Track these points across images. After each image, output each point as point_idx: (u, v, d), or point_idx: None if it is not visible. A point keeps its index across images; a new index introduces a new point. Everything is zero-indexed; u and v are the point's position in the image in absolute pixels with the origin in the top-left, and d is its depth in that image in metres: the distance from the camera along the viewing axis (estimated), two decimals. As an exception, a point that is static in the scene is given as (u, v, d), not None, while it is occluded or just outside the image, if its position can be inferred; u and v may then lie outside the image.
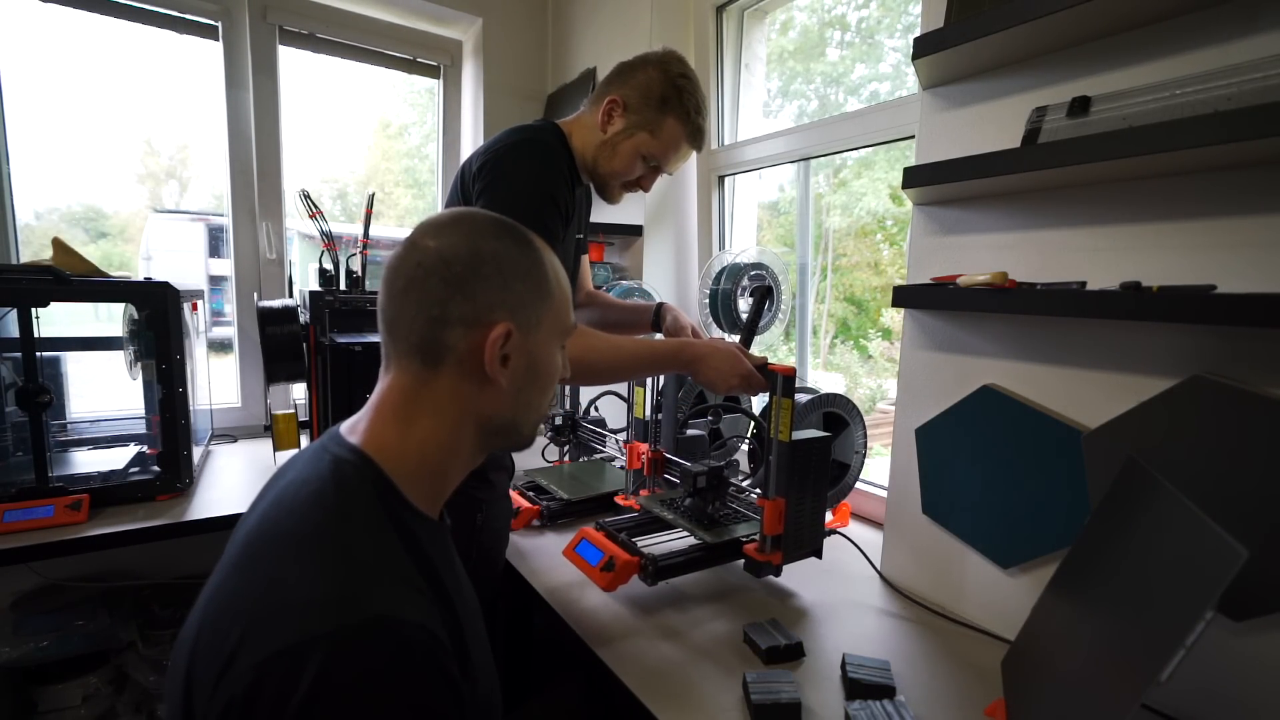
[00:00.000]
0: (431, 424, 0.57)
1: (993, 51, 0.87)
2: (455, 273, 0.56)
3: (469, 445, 0.60)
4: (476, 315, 0.57)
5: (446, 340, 0.56)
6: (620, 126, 1.04)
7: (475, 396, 0.58)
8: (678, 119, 1.05)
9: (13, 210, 1.73)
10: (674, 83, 1.05)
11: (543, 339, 0.62)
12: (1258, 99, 0.61)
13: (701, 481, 1.06)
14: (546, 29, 2.39)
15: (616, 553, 0.97)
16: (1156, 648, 0.51)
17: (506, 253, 0.59)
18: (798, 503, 0.95)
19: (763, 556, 0.95)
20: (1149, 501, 0.64)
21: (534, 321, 0.60)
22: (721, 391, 0.97)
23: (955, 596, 0.98)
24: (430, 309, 0.56)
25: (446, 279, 0.56)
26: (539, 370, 0.63)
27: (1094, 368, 0.82)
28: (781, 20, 1.88)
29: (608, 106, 1.05)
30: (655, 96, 1.04)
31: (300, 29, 2.05)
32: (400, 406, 0.57)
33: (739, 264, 1.50)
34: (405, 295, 0.57)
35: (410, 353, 0.57)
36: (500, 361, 0.58)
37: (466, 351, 0.57)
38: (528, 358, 0.61)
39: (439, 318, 0.56)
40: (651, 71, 1.05)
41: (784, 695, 0.71)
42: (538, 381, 0.63)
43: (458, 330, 0.56)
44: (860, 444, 1.36)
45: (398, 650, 0.43)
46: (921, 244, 1.03)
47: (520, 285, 0.60)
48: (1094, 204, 0.82)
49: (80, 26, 1.80)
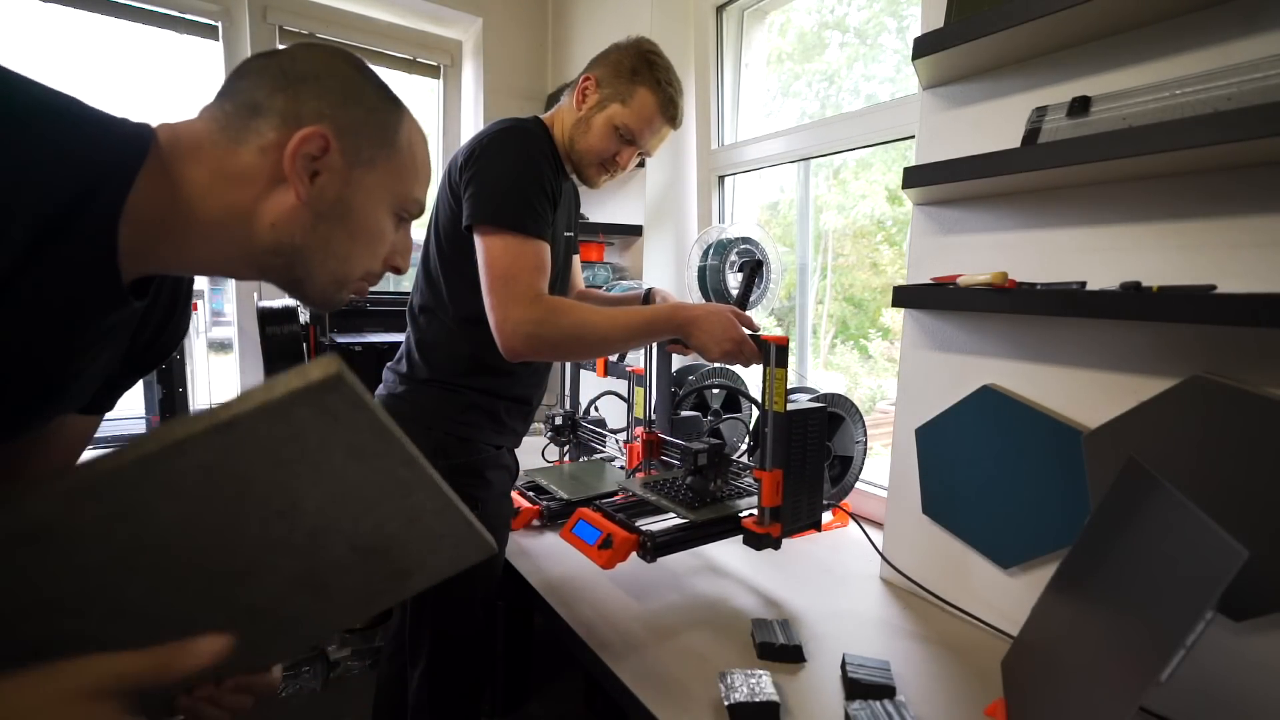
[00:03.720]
0: (203, 175, 0.50)
1: (993, 51, 0.87)
2: (294, 70, 0.53)
3: (235, 239, 0.52)
4: (297, 113, 0.52)
5: (252, 123, 0.51)
6: (593, 101, 1.05)
7: (263, 196, 0.52)
8: (649, 88, 1.05)
9: (13, 210, 1.72)
10: (644, 56, 1.07)
11: (369, 183, 0.56)
12: (1258, 99, 0.61)
13: (703, 459, 1.06)
14: (546, 29, 2.39)
15: (614, 530, 0.97)
16: (1156, 648, 0.51)
17: (350, 82, 0.56)
18: (796, 474, 0.94)
19: (762, 529, 0.94)
20: (1149, 501, 0.64)
21: (363, 157, 0.55)
22: (714, 357, 0.96)
23: (956, 596, 0.98)
24: (256, 90, 0.52)
25: (285, 72, 0.53)
26: (353, 213, 0.56)
27: (1094, 368, 0.82)
28: (780, 23, 1.88)
29: (582, 86, 1.06)
30: (626, 69, 1.05)
31: (300, 29, 2.05)
32: (183, 140, 0.50)
33: (726, 239, 1.48)
34: (247, 69, 0.54)
35: (221, 108, 0.52)
36: (307, 172, 0.52)
37: (270, 144, 0.51)
38: (341, 189, 0.55)
39: (257, 104, 0.51)
40: (623, 49, 1.08)
41: (760, 694, 0.71)
42: (347, 225, 0.56)
43: (272, 119, 0.51)
44: (860, 443, 1.36)
45: None
46: (921, 244, 1.03)
47: (359, 112, 0.55)
48: (1094, 204, 0.82)
49: (80, 26, 1.80)
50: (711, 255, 1.48)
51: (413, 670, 1.03)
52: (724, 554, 1.14)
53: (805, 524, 0.99)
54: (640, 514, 1.07)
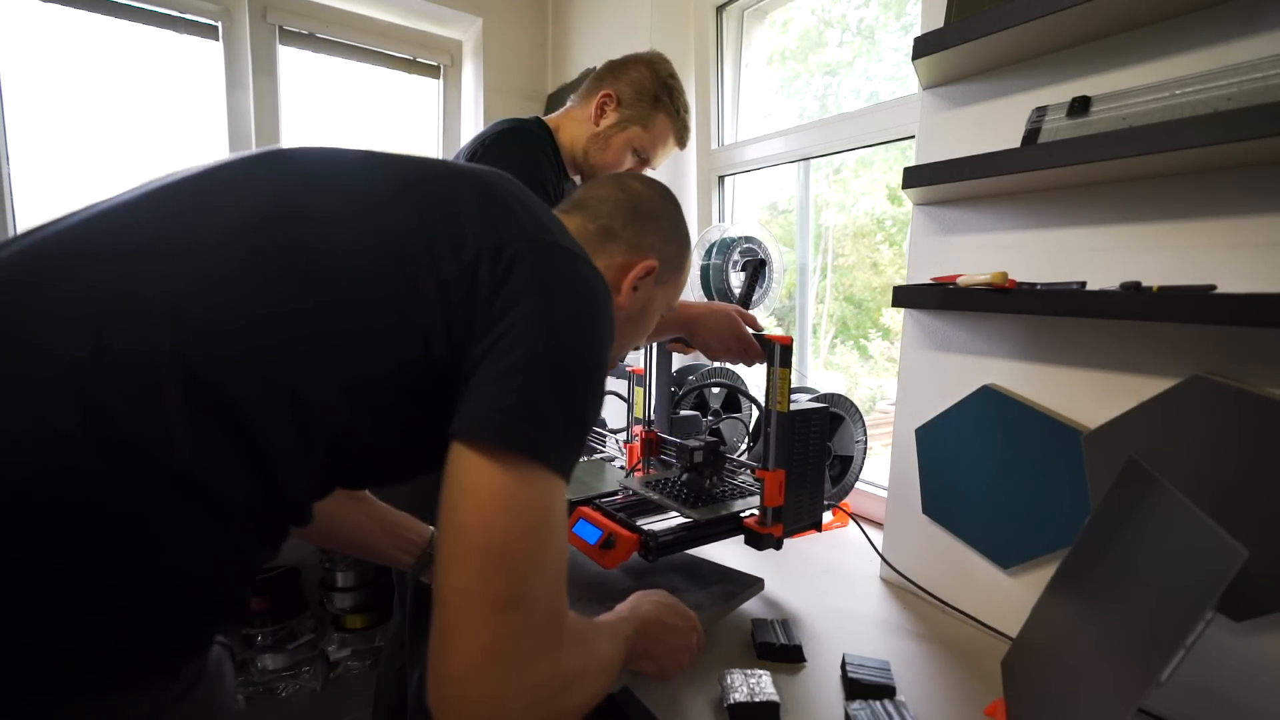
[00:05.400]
0: None
1: (993, 51, 0.87)
2: (642, 210, 0.73)
3: None
4: (639, 244, 0.72)
5: (608, 246, 0.70)
6: (614, 120, 1.08)
7: None
8: (668, 116, 1.11)
9: (13, 210, 1.73)
10: (665, 81, 1.11)
11: (660, 295, 0.77)
12: (1258, 99, 0.61)
13: (698, 456, 1.05)
14: (546, 29, 2.39)
15: (616, 530, 0.97)
16: (1157, 648, 0.51)
17: (674, 224, 0.77)
18: (799, 474, 0.94)
19: (764, 529, 0.94)
20: (1149, 501, 0.64)
21: (665, 279, 0.75)
22: (717, 356, 0.96)
23: (955, 596, 0.98)
24: (613, 218, 0.71)
25: (636, 209, 0.72)
26: (645, 314, 0.76)
27: (1094, 368, 0.82)
28: (782, 21, 1.88)
29: (601, 100, 1.08)
30: (648, 94, 1.09)
31: (300, 29, 2.05)
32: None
33: (729, 237, 1.48)
34: (603, 196, 0.73)
35: (585, 225, 0.70)
36: (632, 287, 0.71)
37: (618, 265, 0.70)
38: (645, 301, 0.74)
39: (614, 229, 0.71)
40: (643, 69, 1.10)
41: (760, 694, 0.70)
42: (638, 325, 0.76)
43: (622, 245, 0.71)
44: (860, 443, 1.36)
45: None
46: (921, 244, 1.03)
47: (674, 248, 0.76)
48: (1094, 204, 0.82)
49: (80, 26, 1.80)
50: (714, 254, 1.48)
51: (413, 671, 1.03)
52: (723, 553, 1.14)
53: (806, 524, 0.99)
54: (640, 513, 1.07)
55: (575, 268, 0.55)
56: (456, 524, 0.47)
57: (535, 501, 0.47)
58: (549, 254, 0.53)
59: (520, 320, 0.49)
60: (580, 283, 0.54)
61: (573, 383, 0.51)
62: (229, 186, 0.51)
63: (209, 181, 0.52)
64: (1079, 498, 0.83)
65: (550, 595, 0.48)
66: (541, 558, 0.47)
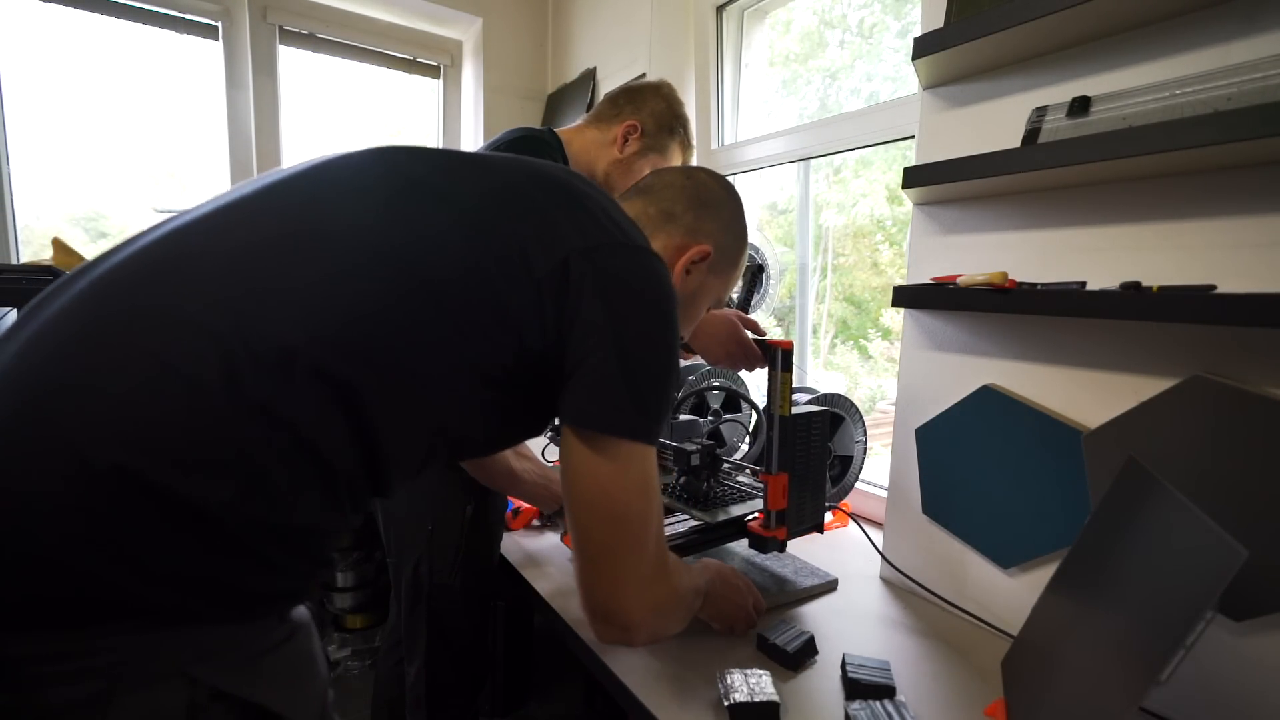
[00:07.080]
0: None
1: (993, 51, 0.87)
2: (703, 197, 0.76)
3: None
4: (697, 229, 0.75)
5: (667, 227, 0.74)
6: (636, 149, 1.18)
7: None
8: (680, 144, 1.22)
9: (13, 210, 1.73)
10: (677, 113, 1.22)
11: (712, 284, 0.79)
12: (1258, 99, 0.61)
13: (696, 460, 1.05)
14: (546, 29, 2.39)
15: None
16: (1157, 648, 0.51)
17: (734, 216, 0.79)
18: (801, 477, 0.95)
19: (768, 532, 0.94)
20: (1149, 501, 0.64)
21: (719, 269, 0.78)
22: (718, 360, 0.97)
23: (956, 596, 0.98)
24: (675, 202, 0.75)
25: (699, 196, 0.76)
26: (695, 304, 0.79)
27: (1094, 368, 0.82)
28: (784, 21, 1.88)
29: (626, 129, 1.18)
30: (666, 125, 1.20)
31: (300, 29, 2.05)
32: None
33: None
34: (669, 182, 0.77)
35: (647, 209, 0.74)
36: (685, 270, 0.74)
37: (674, 247, 0.74)
38: (697, 286, 0.77)
39: (675, 213, 0.74)
40: (660, 102, 1.21)
41: (760, 694, 0.70)
42: (686, 311, 0.77)
43: (680, 227, 0.74)
44: (860, 443, 1.36)
45: None
46: (921, 244, 1.03)
47: (731, 239, 0.78)
48: (1094, 204, 0.82)
49: (80, 26, 1.80)
50: (712, 258, 1.48)
51: (409, 666, 1.03)
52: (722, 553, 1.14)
53: (809, 526, 0.99)
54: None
55: (654, 267, 0.63)
56: (584, 499, 0.60)
57: (641, 474, 0.60)
58: (632, 256, 0.62)
59: (610, 318, 0.58)
60: (659, 284, 0.62)
61: (658, 371, 0.61)
62: (341, 190, 0.58)
63: (320, 182, 0.58)
64: (1079, 498, 0.83)
65: (657, 537, 0.64)
66: (649, 513, 0.62)
